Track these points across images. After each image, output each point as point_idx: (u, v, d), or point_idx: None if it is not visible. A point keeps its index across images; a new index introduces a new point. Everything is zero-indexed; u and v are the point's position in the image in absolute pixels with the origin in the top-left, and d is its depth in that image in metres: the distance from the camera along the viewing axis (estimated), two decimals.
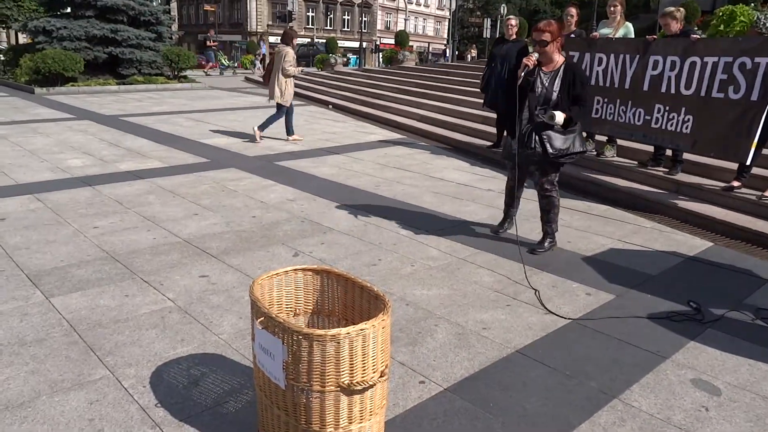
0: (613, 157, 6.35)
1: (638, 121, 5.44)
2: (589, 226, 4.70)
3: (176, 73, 17.86)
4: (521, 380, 2.55)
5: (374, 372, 1.84)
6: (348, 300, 2.15)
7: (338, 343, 1.74)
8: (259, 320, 1.87)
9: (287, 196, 5.42)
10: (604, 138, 6.45)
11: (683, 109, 5.01)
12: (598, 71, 5.83)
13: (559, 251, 4.11)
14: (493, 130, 7.70)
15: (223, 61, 24.62)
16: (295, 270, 2.20)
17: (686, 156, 5.57)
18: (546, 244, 4.25)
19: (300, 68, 7.99)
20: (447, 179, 6.20)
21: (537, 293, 3.39)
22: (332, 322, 2.24)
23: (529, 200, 4.90)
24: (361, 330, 1.75)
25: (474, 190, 5.79)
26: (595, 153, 6.45)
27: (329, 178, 6.11)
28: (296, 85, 16.39)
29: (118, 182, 5.77)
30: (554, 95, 3.95)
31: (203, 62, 24.00)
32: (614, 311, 3.22)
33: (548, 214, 4.23)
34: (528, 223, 4.68)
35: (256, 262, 3.81)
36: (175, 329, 2.91)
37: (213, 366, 2.60)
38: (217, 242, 4.15)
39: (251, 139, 8.27)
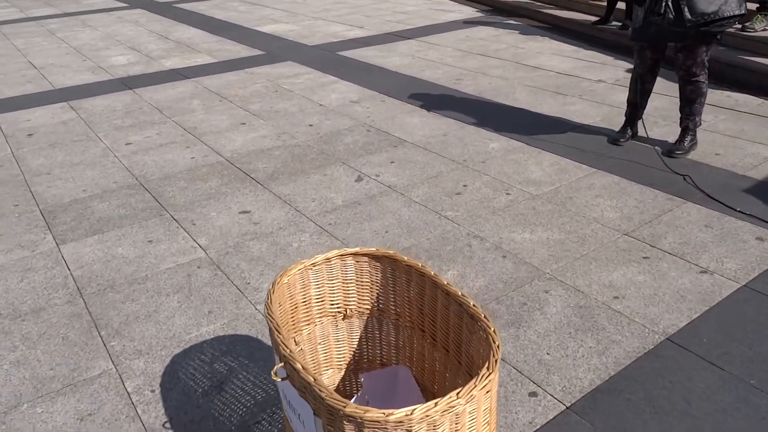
0: (765, 29, 4.92)
1: None
2: (741, 131, 3.56)
3: None
4: (682, 395, 1.72)
5: None
6: (426, 305, 1.36)
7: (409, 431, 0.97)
8: (278, 366, 1.13)
9: (350, 96, 4.53)
10: (753, 6, 4.99)
11: None
12: None
13: (705, 170, 3.08)
14: (600, 2, 6.28)
15: None
16: (342, 256, 1.41)
17: None
18: (686, 142, 3.24)
19: None
20: (544, 67, 5.05)
21: (688, 179, 2.55)
22: (402, 328, 1.46)
23: (659, 95, 3.79)
24: (450, 407, 0.97)
25: (580, 81, 4.65)
26: (739, 26, 5.03)
27: (400, 71, 5.12)
28: None
29: (162, 83, 5.06)
30: None
31: None
32: None
33: (692, 105, 3.18)
34: (658, 127, 3.61)
35: (310, 190, 3.05)
36: (203, 295, 2.26)
37: (244, 357, 1.94)
38: (264, 162, 3.41)
39: (309, 27, 7.26)
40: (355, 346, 1.52)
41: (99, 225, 2.80)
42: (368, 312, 1.48)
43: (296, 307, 1.39)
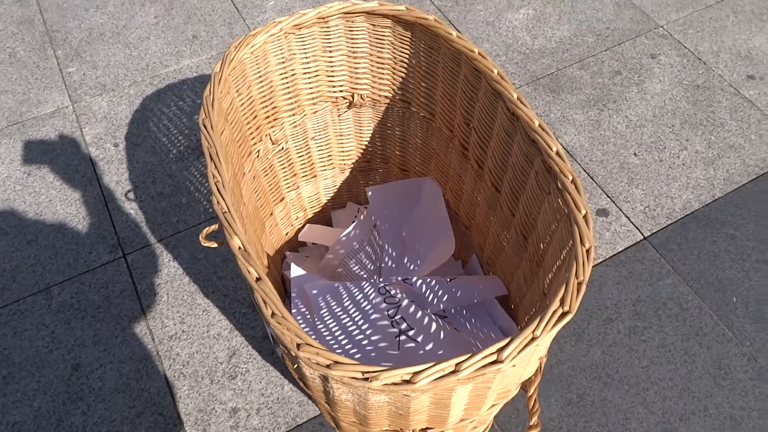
0: None
1: None
2: None
3: None
4: None
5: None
6: (476, 117, 0.83)
7: (408, 396, 0.58)
8: (210, 228, 0.69)
9: None
10: None
11: None
12: None
13: None
14: None
15: None
16: (347, 14, 0.83)
17: None
18: None
19: None
20: None
21: None
22: (436, 133, 0.97)
23: None
24: (480, 372, 0.55)
25: None
26: None
27: None
28: None
29: None
30: None
31: None
32: None
33: None
34: None
35: None
36: (188, 9, 1.69)
37: None
38: None
39: None
40: (366, 143, 1.05)
41: None
42: (387, 101, 0.96)
43: (271, 91, 0.89)
